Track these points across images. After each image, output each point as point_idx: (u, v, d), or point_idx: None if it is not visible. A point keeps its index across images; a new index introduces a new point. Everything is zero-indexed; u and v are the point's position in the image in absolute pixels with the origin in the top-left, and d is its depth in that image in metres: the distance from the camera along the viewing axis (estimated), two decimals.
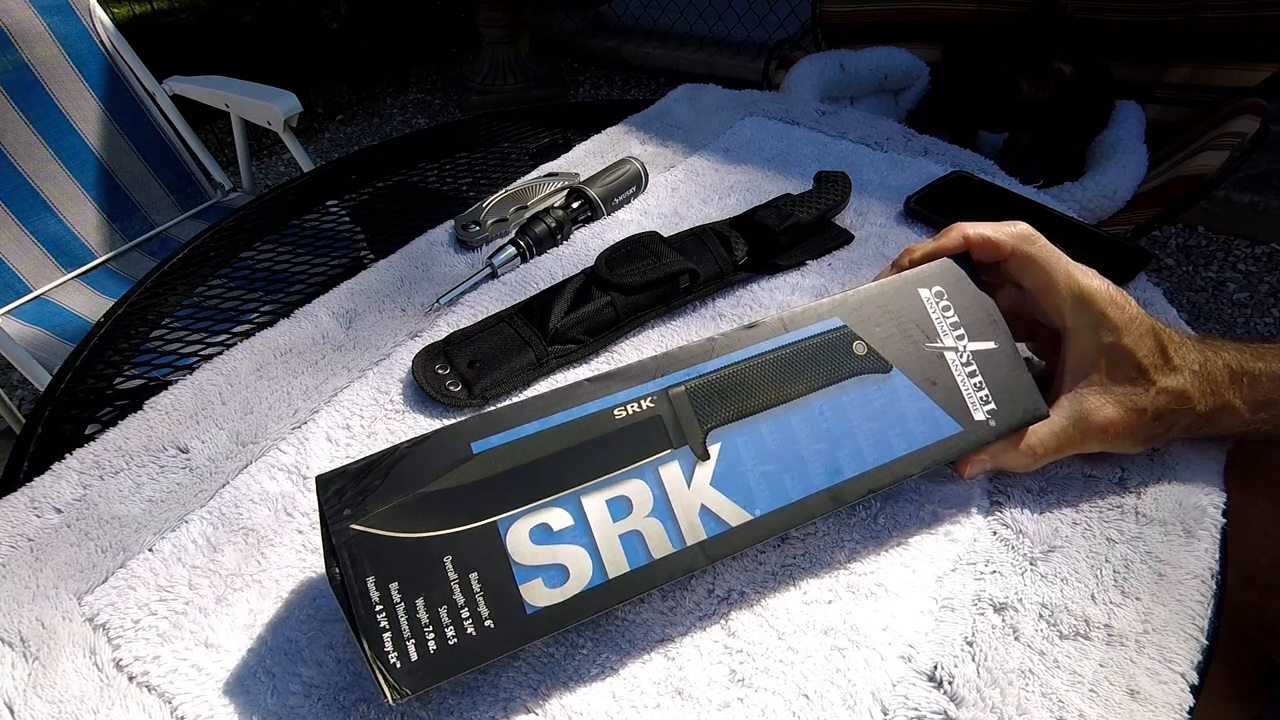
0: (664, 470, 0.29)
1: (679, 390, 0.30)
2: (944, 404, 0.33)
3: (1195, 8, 1.14)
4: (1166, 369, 0.34)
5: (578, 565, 0.27)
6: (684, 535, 0.28)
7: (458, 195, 0.66)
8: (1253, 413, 0.35)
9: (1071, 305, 0.34)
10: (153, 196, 1.15)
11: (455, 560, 0.26)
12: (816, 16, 1.46)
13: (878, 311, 0.34)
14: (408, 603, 0.25)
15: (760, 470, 0.30)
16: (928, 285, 0.35)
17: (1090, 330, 0.34)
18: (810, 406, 0.31)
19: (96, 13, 1.09)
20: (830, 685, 0.29)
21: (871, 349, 0.33)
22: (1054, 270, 0.34)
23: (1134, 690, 0.29)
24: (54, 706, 0.29)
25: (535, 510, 0.27)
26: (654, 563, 0.28)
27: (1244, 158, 0.96)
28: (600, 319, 0.45)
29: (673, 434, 0.30)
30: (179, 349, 0.51)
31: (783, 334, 0.32)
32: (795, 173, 0.62)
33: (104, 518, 0.36)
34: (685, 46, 2.59)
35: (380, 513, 0.27)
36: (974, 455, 0.34)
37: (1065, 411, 0.34)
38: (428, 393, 0.42)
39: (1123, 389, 0.34)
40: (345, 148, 2.38)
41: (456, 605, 0.26)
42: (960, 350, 0.34)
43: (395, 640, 0.25)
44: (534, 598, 0.26)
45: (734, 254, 0.50)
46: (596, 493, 0.28)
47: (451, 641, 0.25)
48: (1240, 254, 1.61)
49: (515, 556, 0.27)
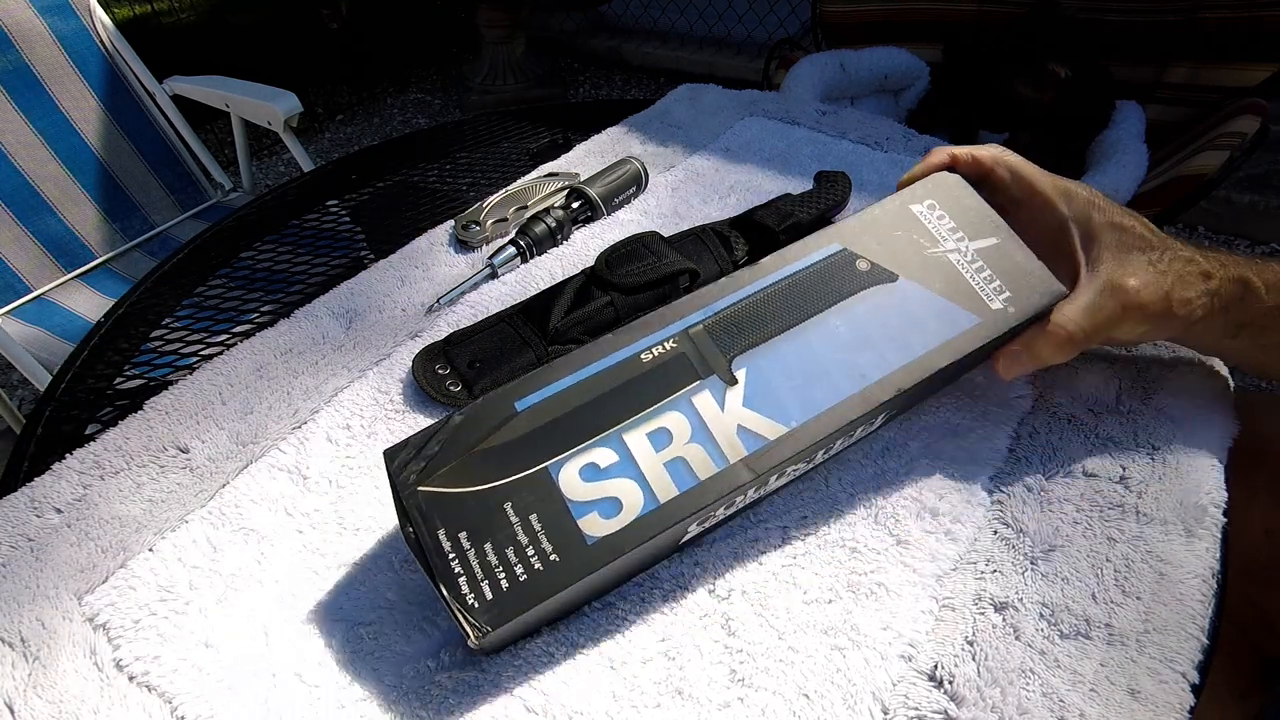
0: (697, 399, 0.30)
1: (698, 329, 0.32)
2: (957, 300, 0.33)
3: (1195, 8, 1.14)
4: (1167, 241, 0.35)
5: (629, 496, 0.28)
6: (726, 455, 0.29)
7: (458, 195, 0.66)
8: (1271, 294, 0.34)
9: (1061, 197, 0.36)
10: (153, 196, 1.15)
11: (514, 505, 0.28)
12: (816, 16, 1.46)
13: (875, 232, 0.35)
14: (477, 548, 0.27)
15: (788, 386, 0.31)
16: (919, 201, 0.37)
17: (1085, 212, 0.35)
18: (826, 323, 0.33)
19: (96, 13, 1.09)
20: (830, 685, 0.29)
21: (875, 264, 0.34)
22: (1035, 174, 0.37)
23: (1135, 690, 0.29)
24: (54, 706, 0.29)
25: (581, 452, 0.29)
26: (702, 484, 0.29)
27: (1244, 158, 0.96)
28: (600, 319, 0.45)
29: (699, 367, 0.31)
30: (179, 349, 0.51)
31: (785, 266, 0.34)
32: (795, 173, 0.62)
33: (104, 518, 0.36)
34: (685, 46, 2.59)
35: (442, 473, 0.29)
36: (1007, 350, 0.34)
37: (1091, 286, 0.34)
38: (428, 393, 0.42)
39: (1138, 255, 0.34)
40: (345, 148, 2.38)
41: (522, 545, 0.27)
42: (963, 250, 0.35)
43: (470, 583, 0.27)
44: (592, 529, 0.27)
45: (734, 254, 0.50)
46: (637, 429, 0.30)
47: (522, 578, 0.27)
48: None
49: (569, 495, 0.28)
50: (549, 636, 0.31)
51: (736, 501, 0.31)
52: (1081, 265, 0.35)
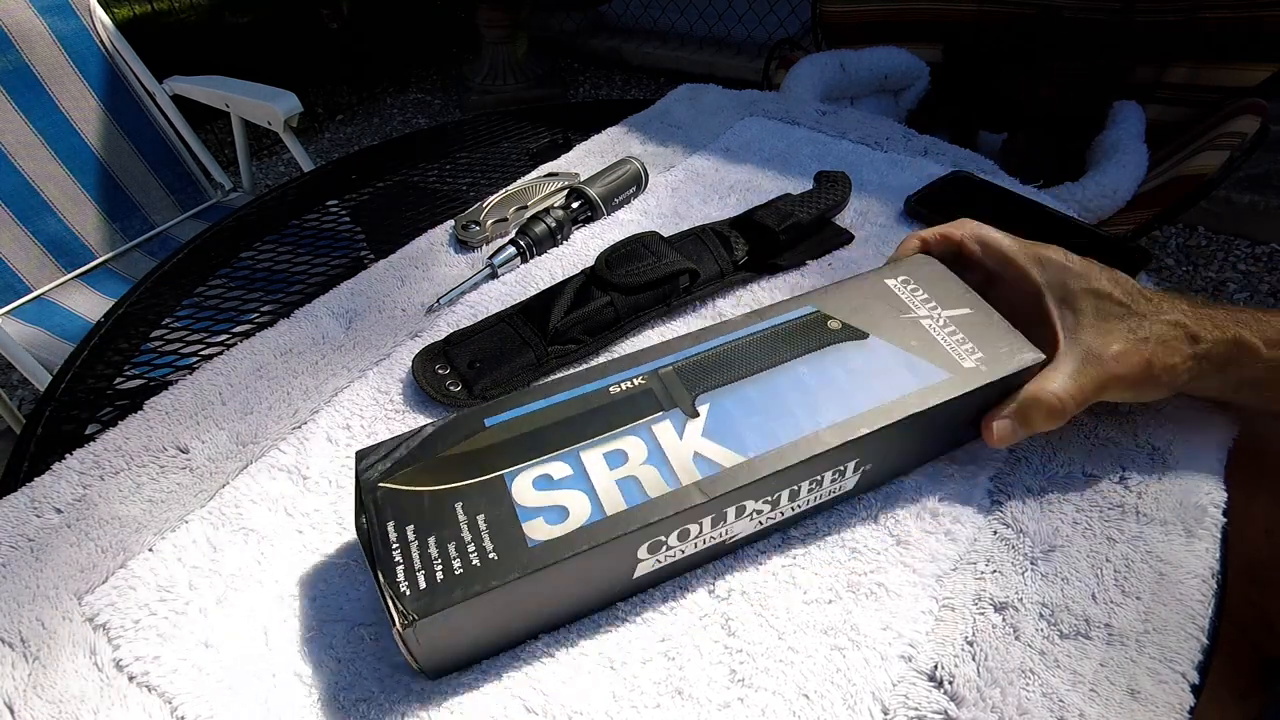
0: (656, 428, 0.31)
1: (668, 370, 0.33)
2: (929, 358, 0.33)
3: (1195, 8, 1.14)
4: (1152, 305, 0.34)
5: (577, 505, 0.29)
6: (679, 477, 0.29)
7: (458, 195, 0.66)
8: (1271, 349, 0.34)
9: (1034, 264, 0.36)
10: (153, 196, 1.15)
11: (465, 506, 0.29)
12: (816, 16, 1.46)
13: (849, 298, 0.37)
14: (420, 541, 0.28)
15: (749, 421, 0.31)
16: (893, 276, 0.38)
17: (1059, 279, 0.35)
18: (793, 370, 0.33)
19: (96, 13, 1.09)
20: (830, 685, 0.29)
21: (846, 323, 0.35)
22: (1007, 243, 0.37)
23: (1134, 690, 0.29)
24: (54, 706, 0.29)
25: (538, 464, 0.30)
26: (651, 500, 0.29)
27: (1244, 158, 0.96)
28: (600, 319, 0.45)
29: (663, 400, 0.32)
30: (179, 349, 0.51)
31: (758, 323, 0.36)
32: (795, 173, 0.62)
33: (104, 518, 0.36)
34: (685, 46, 2.59)
35: (404, 474, 0.30)
36: (994, 415, 0.34)
37: (1071, 355, 0.34)
38: (428, 393, 0.42)
39: (1116, 324, 0.34)
40: (345, 148, 2.38)
41: (464, 541, 0.28)
42: (936, 317, 0.35)
43: (407, 571, 0.27)
44: (536, 533, 0.28)
45: (734, 254, 0.50)
46: (594, 448, 0.30)
47: (458, 571, 0.27)
48: (1240, 254, 1.61)
49: (519, 500, 0.29)
50: (549, 636, 0.31)
51: (691, 531, 0.30)
52: (1060, 333, 0.34)
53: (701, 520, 0.30)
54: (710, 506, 0.29)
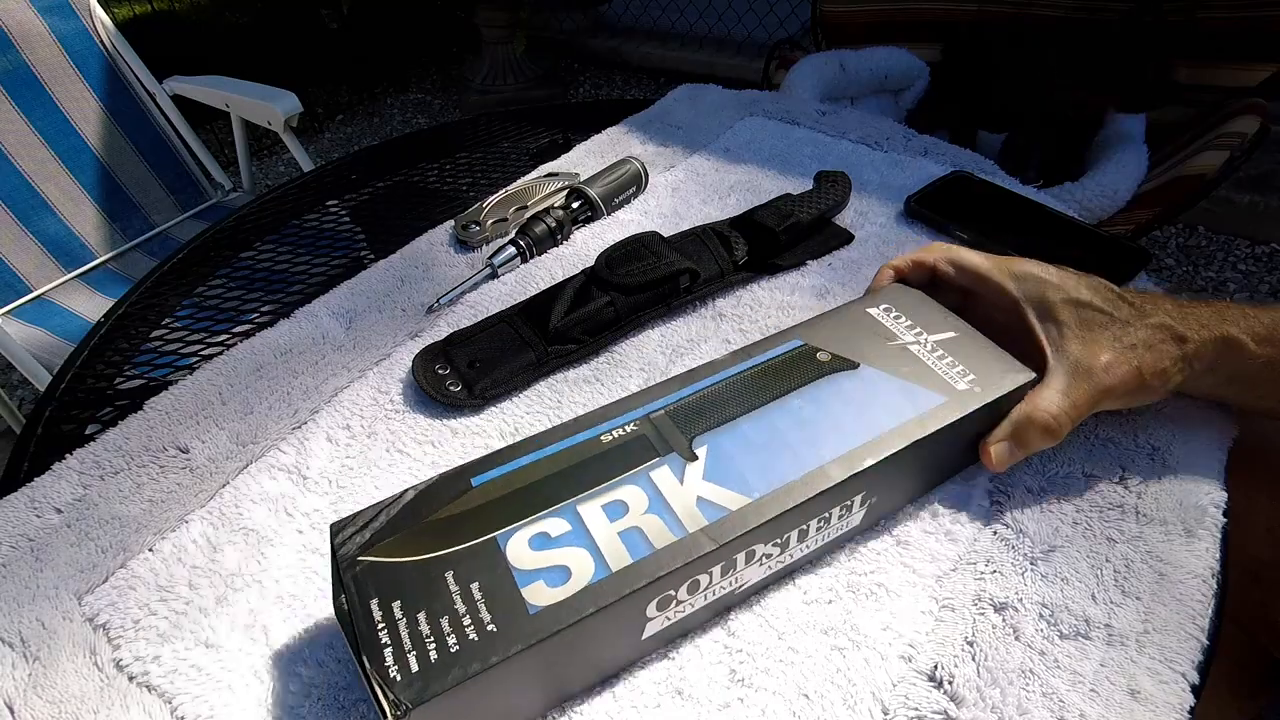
0: (655, 474, 0.29)
1: (659, 414, 0.32)
2: (923, 383, 0.33)
3: (1195, 8, 1.14)
4: (1135, 309, 0.34)
5: (579, 564, 0.27)
6: (685, 525, 0.28)
7: (458, 195, 0.66)
8: (1260, 345, 0.33)
9: (1010, 279, 0.36)
10: (153, 196, 1.15)
11: (456, 575, 0.26)
12: (816, 16, 1.46)
13: (834, 330, 0.36)
14: (409, 617, 0.25)
15: (750, 460, 0.30)
16: (875, 305, 0.38)
17: (1037, 291, 0.35)
18: (788, 405, 0.33)
19: (96, 13, 1.09)
20: (830, 685, 0.29)
21: (835, 354, 0.35)
22: (980, 261, 0.37)
23: (1135, 690, 0.29)
24: (54, 706, 0.29)
25: (532, 522, 0.28)
26: (658, 552, 0.27)
27: (1244, 158, 0.96)
28: (600, 319, 0.45)
29: (659, 445, 0.31)
30: (179, 349, 0.51)
31: (746, 360, 0.35)
32: (795, 173, 0.62)
33: (104, 518, 0.36)
34: (685, 46, 2.59)
35: (385, 544, 0.27)
36: (990, 440, 0.34)
37: (1061, 369, 0.34)
38: (428, 393, 0.42)
39: (1101, 333, 0.34)
40: (345, 148, 2.38)
41: (458, 614, 0.25)
42: (923, 342, 0.35)
43: (396, 654, 0.24)
44: (537, 598, 0.26)
45: (734, 254, 0.50)
46: (591, 500, 0.28)
47: (454, 649, 0.24)
48: (1240, 254, 1.61)
49: (515, 564, 0.27)
50: None
51: (701, 583, 0.28)
52: (1045, 346, 0.34)
53: (711, 570, 0.28)
54: (720, 554, 0.28)
